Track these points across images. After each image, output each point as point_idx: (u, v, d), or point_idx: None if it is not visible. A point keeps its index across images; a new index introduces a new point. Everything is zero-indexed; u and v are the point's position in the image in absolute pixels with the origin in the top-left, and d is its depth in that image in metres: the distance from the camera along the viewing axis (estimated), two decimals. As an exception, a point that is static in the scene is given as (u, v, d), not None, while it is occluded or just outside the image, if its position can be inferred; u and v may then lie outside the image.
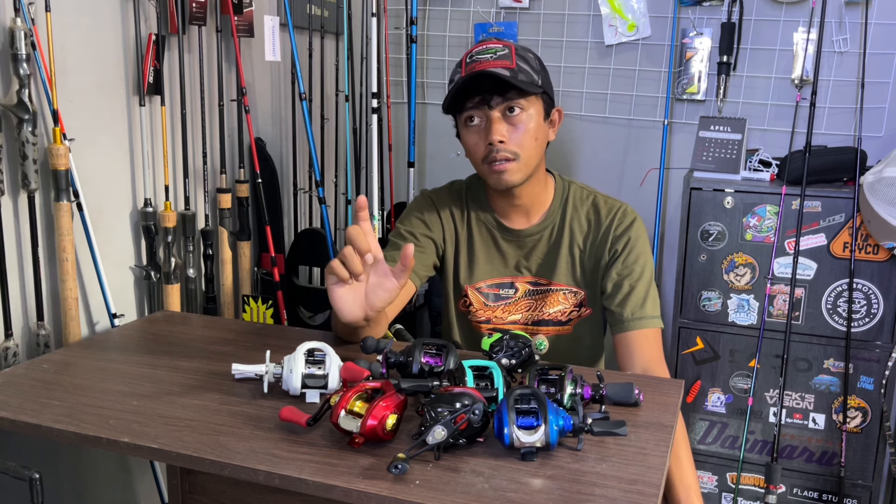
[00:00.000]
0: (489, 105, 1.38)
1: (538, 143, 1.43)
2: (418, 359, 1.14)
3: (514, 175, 1.41)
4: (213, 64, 1.87)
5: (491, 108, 1.39)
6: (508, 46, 1.40)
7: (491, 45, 1.40)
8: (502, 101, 1.38)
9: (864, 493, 2.09)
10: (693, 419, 2.21)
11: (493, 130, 1.38)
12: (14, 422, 1.08)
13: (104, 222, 1.60)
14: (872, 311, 2.00)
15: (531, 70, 1.40)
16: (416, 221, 1.54)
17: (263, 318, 1.88)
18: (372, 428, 0.97)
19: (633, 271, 1.47)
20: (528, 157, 1.41)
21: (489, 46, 1.40)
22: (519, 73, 1.37)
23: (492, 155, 1.39)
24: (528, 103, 1.40)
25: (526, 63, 1.40)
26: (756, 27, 2.25)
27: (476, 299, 1.55)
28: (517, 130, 1.39)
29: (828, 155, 2.05)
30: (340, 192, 2.43)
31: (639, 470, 0.96)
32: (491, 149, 1.39)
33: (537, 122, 1.42)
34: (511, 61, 1.37)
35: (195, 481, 1.60)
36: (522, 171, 1.42)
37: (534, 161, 1.43)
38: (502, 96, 1.38)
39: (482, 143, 1.41)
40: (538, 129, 1.42)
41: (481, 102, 1.39)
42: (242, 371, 1.22)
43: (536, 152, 1.44)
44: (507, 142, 1.38)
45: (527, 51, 1.43)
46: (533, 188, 1.49)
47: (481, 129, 1.41)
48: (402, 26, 2.54)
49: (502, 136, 1.38)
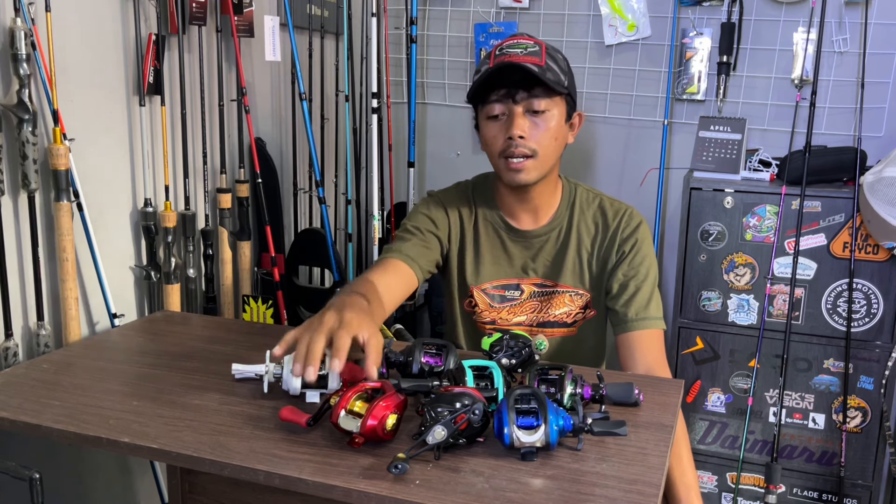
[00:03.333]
0: (514, 99, 1.38)
1: (557, 143, 1.43)
2: (418, 359, 1.14)
3: (530, 173, 1.41)
4: (213, 64, 1.87)
5: (515, 103, 1.38)
6: (540, 44, 1.39)
7: (522, 41, 1.40)
8: (527, 96, 1.37)
9: (864, 493, 2.09)
10: (693, 419, 2.20)
11: (514, 125, 1.37)
12: (14, 422, 1.09)
13: (104, 222, 1.60)
14: (872, 311, 2.00)
15: (559, 71, 1.39)
16: (423, 218, 1.53)
17: (263, 318, 1.88)
18: (372, 428, 0.97)
19: (638, 272, 1.47)
20: (545, 157, 1.41)
21: (520, 41, 1.39)
22: (547, 72, 1.36)
23: (510, 150, 1.39)
24: (552, 103, 1.39)
25: (555, 63, 1.39)
26: (756, 27, 2.25)
27: (481, 300, 1.55)
28: (538, 128, 1.39)
29: (828, 155, 2.05)
30: (340, 192, 2.43)
31: (639, 470, 0.96)
32: (510, 143, 1.38)
33: (559, 122, 1.41)
34: (541, 59, 1.36)
35: (195, 481, 1.60)
36: (538, 170, 1.42)
37: (550, 161, 1.43)
38: (528, 92, 1.37)
39: (501, 137, 1.40)
40: (559, 130, 1.42)
41: (506, 96, 1.38)
42: (242, 371, 1.23)
43: (554, 153, 1.43)
44: (527, 138, 1.38)
45: (557, 51, 1.43)
46: (544, 189, 1.49)
47: (502, 123, 1.40)
48: (402, 26, 2.54)
49: (523, 132, 1.37)
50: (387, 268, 1.43)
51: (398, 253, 1.46)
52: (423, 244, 1.50)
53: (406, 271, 1.44)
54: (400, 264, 1.44)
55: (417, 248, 1.49)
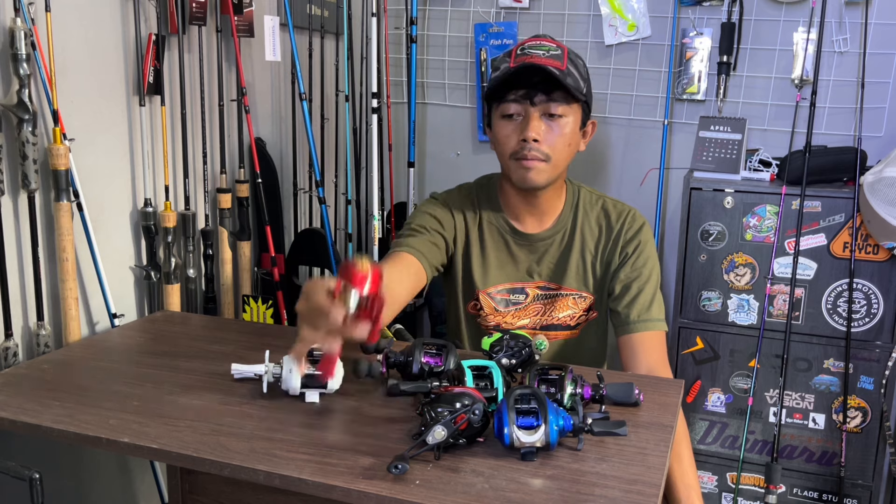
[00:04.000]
0: (532, 101, 1.36)
1: (570, 150, 1.42)
2: (418, 359, 1.14)
3: (542, 175, 1.40)
4: (213, 64, 1.87)
5: (533, 105, 1.36)
6: (562, 48, 1.38)
7: (545, 43, 1.38)
8: (546, 99, 1.36)
9: (864, 493, 2.09)
10: (693, 419, 2.20)
11: (530, 127, 1.36)
12: (14, 422, 1.09)
13: (104, 222, 1.60)
14: (872, 311, 2.00)
15: (579, 77, 1.39)
16: (429, 218, 1.50)
17: (263, 318, 1.88)
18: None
19: (641, 274, 1.47)
20: (557, 162, 1.40)
21: (543, 43, 1.38)
22: (568, 76, 1.35)
23: (523, 152, 1.38)
24: (569, 109, 1.38)
25: (576, 69, 1.38)
26: (756, 27, 2.25)
27: (487, 304, 1.54)
28: (553, 133, 1.38)
29: (828, 155, 2.05)
30: (340, 192, 2.43)
31: (639, 470, 0.96)
32: (524, 145, 1.37)
33: (573, 129, 1.40)
34: (563, 63, 1.35)
35: (195, 481, 1.60)
36: (549, 174, 1.41)
37: (562, 166, 1.43)
38: (547, 95, 1.36)
39: (515, 137, 1.38)
40: (573, 136, 1.41)
41: (524, 96, 1.37)
42: (242, 371, 1.22)
43: (566, 159, 1.43)
44: (541, 141, 1.37)
45: (578, 57, 1.41)
46: (551, 193, 1.48)
47: (517, 124, 1.39)
48: (402, 26, 2.54)
49: (538, 135, 1.36)
50: (396, 261, 1.39)
51: (407, 247, 1.42)
52: (431, 241, 1.47)
53: (415, 265, 1.40)
54: (409, 258, 1.40)
55: (426, 244, 1.45)
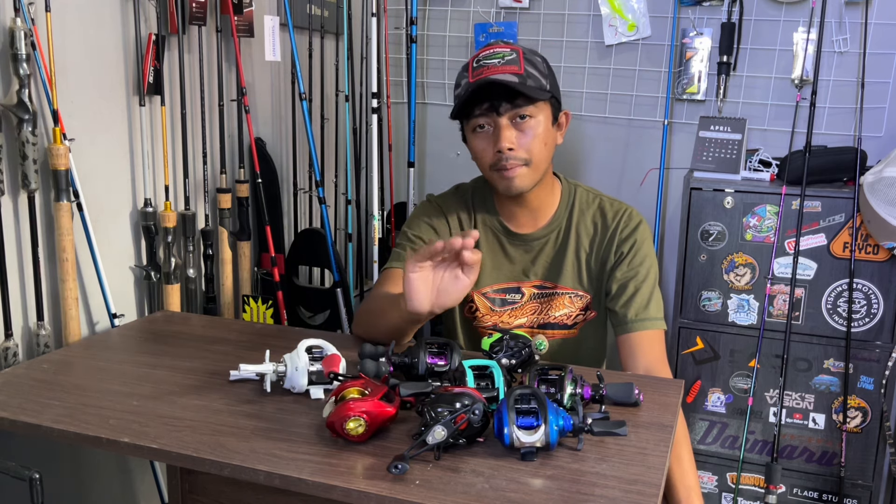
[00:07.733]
0: (498, 112, 1.37)
1: (547, 147, 1.42)
2: (423, 360, 1.14)
3: (525, 180, 1.41)
4: (213, 64, 1.87)
5: (500, 115, 1.37)
6: (516, 51, 1.38)
7: (498, 49, 1.38)
8: (511, 107, 1.36)
9: (864, 493, 2.09)
10: (693, 419, 2.20)
11: (502, 138, 1.37)
12: (14, 422, 1.09)
13: (104, 222, 1.60)
14: (872, 311, 2.00)
15: (539, 75, 1.39)
16: (424, 226, 1.53)
17: (263, 318, 1.88)
18: (330, 424, 0.99)
19: (638, 273, 1.47)
20: (538, 162, 1.41)
21: (496, 51, 1.38)
22: (528, 79, 1.35)
23: (501, 163, 1.39)
24: (536, 109, 1.38)
25: (534, 68, 1.38)
26: (756, 27, 2.25)
27: (482, 304, 1.55)
28: (526, 136, 1.38)
29: (828, 155, 2.05)
30: (340, 192, 2.43)
31: (639, 470, 0.96)
32: (500, 156, 1.38)
33: (546, 126, 1.41)
34: (519, 66, 1.36)
35: (195, 481, 1.60)
36: (532, 177, 1.41)
37: (543, 166, 1.43)
38: (511, 103, 1.36)
39: (490, 150, 1.39)
40: (547, 134, 1.41)
41: (489, 109, 1.37)
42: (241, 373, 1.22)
43: (545, 157, 1.43)
44: (516, 148, 1.38)
45: (534, 54, 1.42)
46: (541, 192, 1.48)
47: (489, 136, 1.39)
48: (402, 26, 2.54)
49: (511, 143, 1.37)
50: (391, 280, 1.43)
51: (401, 263, 1.45)
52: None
53: None
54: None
55: None
